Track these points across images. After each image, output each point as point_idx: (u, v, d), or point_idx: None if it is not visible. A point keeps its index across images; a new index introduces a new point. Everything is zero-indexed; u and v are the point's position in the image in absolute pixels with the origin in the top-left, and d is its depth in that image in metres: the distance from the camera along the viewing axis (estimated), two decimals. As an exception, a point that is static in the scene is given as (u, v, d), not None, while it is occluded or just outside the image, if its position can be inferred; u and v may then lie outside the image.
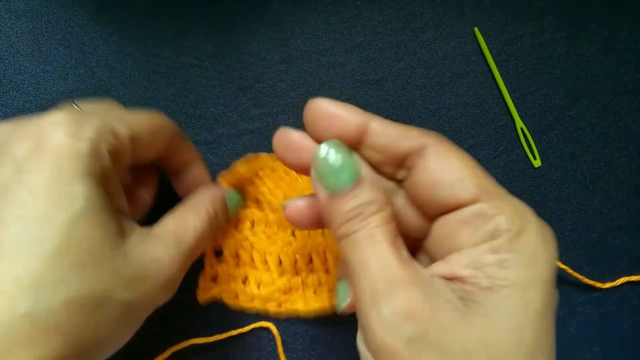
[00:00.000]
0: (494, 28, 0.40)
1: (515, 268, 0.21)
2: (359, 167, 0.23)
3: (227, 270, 0.35)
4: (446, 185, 0.22)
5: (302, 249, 0.35)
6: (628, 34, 0.40)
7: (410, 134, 0.24)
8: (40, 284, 0.21)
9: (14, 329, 0.20)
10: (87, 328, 0.22)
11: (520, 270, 0.21)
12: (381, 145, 0.24)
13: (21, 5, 0.39)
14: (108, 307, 0.23)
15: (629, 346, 0.37)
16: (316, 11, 0.40)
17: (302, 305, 0.35)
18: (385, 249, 0.21)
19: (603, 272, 0.38)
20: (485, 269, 0.21)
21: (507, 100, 0.38)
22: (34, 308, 0.21)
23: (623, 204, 0.39)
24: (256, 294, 0.35)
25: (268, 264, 0.36)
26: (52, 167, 0.22)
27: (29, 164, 0.22)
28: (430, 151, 0.23)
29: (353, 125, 0.23)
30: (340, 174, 0.23)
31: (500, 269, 0.21)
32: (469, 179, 0.22)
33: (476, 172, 0.23)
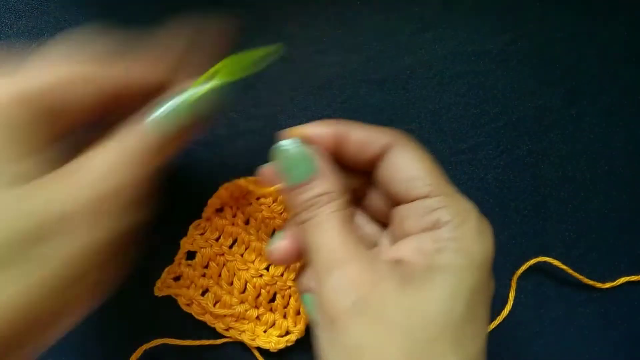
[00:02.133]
0: (494, 28, 0.40)
1: (451, 254, 0.24)
2: (315, 162, 0.26)
3: (192, 276, 0.36)
4: (402, 182, 0.26)
5: (270, 285, 0.36)
6: (628, 34, 0.40)
7: (376, 137, 0.27)
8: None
9: None
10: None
11: (456, 256, 0.24)
12: (352, 152, 0.28)
13: (21, 5, 0.39)
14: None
15: (629, 346, 0.37)
16: (316, 11, 0.40)
17: (247, 338, 0.35)
18: (334, 234, 0.25)
19: (603, 272, 0.38)
20: (425, 253, 0.24)
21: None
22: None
23: (623, 204, 0.39)
24: (210, 309, 0.35)
25: (232, 287, 0.36)
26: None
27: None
28: (392, 152, 0.27)
29: (328, 139, 0.27)
30: (297, 168, 0.26)
31: (438, 253, 0.24)
32: (422, 178, 0.26)
33: (430, 170, 0.26)
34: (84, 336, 0.36)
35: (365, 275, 0.23)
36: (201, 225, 0.36)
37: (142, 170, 0.26)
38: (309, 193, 0.26)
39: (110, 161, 0.25)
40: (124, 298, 0.36)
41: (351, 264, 0.24)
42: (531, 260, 0.37)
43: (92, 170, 0.24)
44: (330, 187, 0.26)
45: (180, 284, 0.36)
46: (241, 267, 0.36)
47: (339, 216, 0.25)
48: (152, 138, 0.26)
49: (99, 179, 0.24)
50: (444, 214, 0.25)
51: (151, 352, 0.35)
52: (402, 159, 0.27)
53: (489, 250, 0.25)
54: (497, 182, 0.39)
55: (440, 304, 0.23)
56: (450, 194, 0.26)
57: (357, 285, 0.23)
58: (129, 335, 0.35)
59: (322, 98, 0.39)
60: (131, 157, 0.26)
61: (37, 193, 0.23)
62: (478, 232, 0.25)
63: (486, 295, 0.25)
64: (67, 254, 0.23)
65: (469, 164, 0.39)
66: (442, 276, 0.23)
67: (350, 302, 0.23)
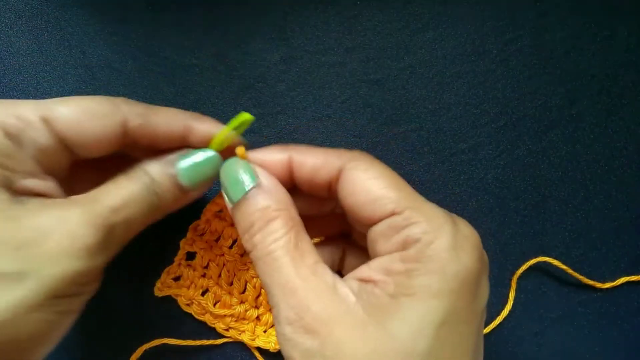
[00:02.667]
0: (494, 28, 0.40)
1: (420, 278, 0.21)
2: (250, 178, 0.25)
3: (192, 276, 0.36)
4: (364, 204, 0.24)
5: None
6: (628, 34, 0.40)
7: (328, 160, 0.26)
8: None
9: None
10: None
11: (425, 280, 0.21)
12: (304, 179, 0.26)
13: (21, 5, 0.39)
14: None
15: (629, 346, 0.37)
16: (316, 11, 0.40)
17: (248, 338, 0.35)
18: (285, 266, 0.23)
19: (603, 272, 0.38)
20: (395, 276, 0.22)
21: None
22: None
23: (623, 204, 0.39)
24: (210, 309, 0.35)
25: (233, 287, 0.36)
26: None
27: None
28: (346, 174, 0.25)
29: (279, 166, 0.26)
30: (237, 183, 0.25)
31: (408, 278, 0.22)
32: (383, 196, 0.24)
33: (391, 186, 0.24)
34: (84, 336, 0.36)
35: (323, 316, 0.21)
36: (200, 227, 0.36)
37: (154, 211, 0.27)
38: (248, 210, 0.25)
39: (124, 196, 0.26)
40: (124, 298, 0.36)
41: (310, 303, 0.22)
42: (531, 260, 0.37)
43: (110, 200, 0.25)
44: (270, 202, 0.24)
45: (180, 284, 0.36)
46: (241, 267, 0.36)
47: (286, 242, 0.23)
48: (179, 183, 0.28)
49: (112, 210, 0.25)
50: (412, 231, 0.23)
51: (151, 352, 0.35)
52: (358, 180, 0.24)
53: (469, 267, 0.22)
54: (497, 182, 0.39)
55: (403, 345, 0.21)
56: (418, 206, 0.23)
57: (311, 332, 0.21)
58: (129, 335, 0.35)
59: (322, 98, 0.39)
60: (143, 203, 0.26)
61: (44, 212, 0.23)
62: (453, 248, 0.22)
63: (467, 319, 0.22)
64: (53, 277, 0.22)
65: (469, 164, 0.39)
66: (407, 306, 0.21)
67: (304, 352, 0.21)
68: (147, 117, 0.27)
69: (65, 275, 0.22)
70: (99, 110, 0.26)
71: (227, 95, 0.39)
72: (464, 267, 0.22)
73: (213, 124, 0.29)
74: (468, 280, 0.22)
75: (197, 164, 0.28)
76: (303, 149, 0.27)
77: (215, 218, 0.36)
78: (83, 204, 0.24)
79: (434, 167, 0.39)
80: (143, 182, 0.27)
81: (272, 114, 0.38)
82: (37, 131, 0.25)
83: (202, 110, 0.38)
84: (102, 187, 0.26)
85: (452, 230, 0.23)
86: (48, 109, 0.25)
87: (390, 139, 0.39)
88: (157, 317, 0.36)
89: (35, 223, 0.22)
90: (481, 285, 0.23)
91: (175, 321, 0.36)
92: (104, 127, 0.26)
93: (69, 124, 0.25)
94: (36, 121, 0.25)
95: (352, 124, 0.39)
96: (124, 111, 0.26)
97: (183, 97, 0.38)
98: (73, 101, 0.26)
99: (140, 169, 0.27)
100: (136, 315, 0.36)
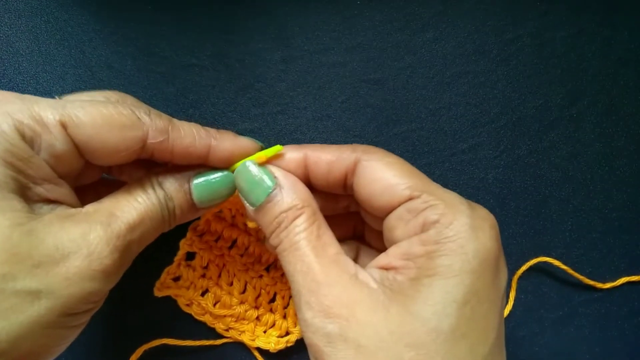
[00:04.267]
0: (494, 28, 0.40)
1: (441, 258, 0.22)
2: (272, 178, 0.25)
3: (192, 276, 0.36)
4: (380, 194, 0.25)
5: (270, 286, 0.36)
6: (628, 34, 0.40)
7: (342, 155, 0.26)
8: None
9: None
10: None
11: (446, 260, 0.22)
12: (320, 175, 0.27)
13: (21, 5, 0.39)
14: (3, 295, 0.20)
15: (629, 346, 0.37)
16: (316, 11, 0.40)
17: (247, 338, 0.35)
18: (307, 255, 0.23)
19: (603, 272, 0.38)
20: (415, 260, 0.22)
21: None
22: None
23: (623, 204, 0.39)
24: (210, 310, 0.35)
25: (232, 287, 0.36)
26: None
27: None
28: (361, 167, 0.25)
29: (295, 165, 0.27)
30: (256, 188, 0.26)
31: (429, 259, 0.22)
32: (398, 183, 0.24)
33: (405, 173, 0.25)
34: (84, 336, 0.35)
35: (343, 300, 0.22)
36: (200, 227, 0.36)
37: (165, 226, 0.27)
38: (273, 211, 0.25)
39: (141, 212, 0.25)
40: (124, 298, 0.36)
41: (330, 288, 0.22)
42: (531, 260, 0.37)
43: (127, 216, 0.25)
44: (294, 200, 0.25)
45: (180, 285, 0.36)
46: (241, 267, 0.36)
47: (310, 232, 0.24)
48: (192, 201, 0.28)
49: (130, 228, 0.25)
50: (430, 213, 0.23)
51: (151, 352, 0.35)
52: (374, 169, 0.25)
53: (489, 246, 0.22)
54: (497, 182, 0.39)
55: (426, 324, 0.21)
56: (434, 190, 0.24)
57: (332, 315, 0.22)
58: (129, 335, 0.35)
59: (322, 98, 0.39)
60: (156, 220, 0.26)
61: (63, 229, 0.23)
62: (471, 228, 0.22)
63: (490, 298, 0.22)
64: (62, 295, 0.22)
65: (469, 164, 0.39)
66: (429, 287, 0.21)
67: (326, 335, 0.21)
68: (168, 135, 0.26)
69: (81, 296, 0.23)
70: (121, 121, 0.25)
71: (227, 95, 0.39)
72: (483, 246, 0.22)
73: (233, 143, 0.28)
74: (488, 259, 0.22)
75: (213, 182, 0.28)
76: (317, 146, 0.27)
77: (215, 218, 0.36)
78: (101, 220, 0.24)
79: (434, 167, 0.39)
80: (158, 197, 0.26)
81: (272, 114, 0.38)
82: (54, 136, 0.24)
83: (202, 110, 0.38)
84: (118, 199, 0.26)
85: (469, 211, 0.23)
86: (68, 114, 0.24)
87: (390, 139, 0.39)
88: (157, 317, 0.36)
89: (54, 241, 0.22)
90: (500, 266, 0.23)
91: (175, 321, 0.36)
92: (123, 141, 0.25)
93: (88, 133, 0.24)
94: (54, 125, 0.24)
95: (352, 124, 0.39)
96: (146, 125, 0.26)
97: (183, 97, 0.38)
98: (94, 108, 0.25)
99: (156, 181, 0.27)
100: (136, 315, 0.36)
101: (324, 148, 0.27)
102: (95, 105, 0.25)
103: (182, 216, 0.28)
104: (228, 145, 0.28)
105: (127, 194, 0.26)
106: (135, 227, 0.25)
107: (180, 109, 0.38)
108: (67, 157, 0.25)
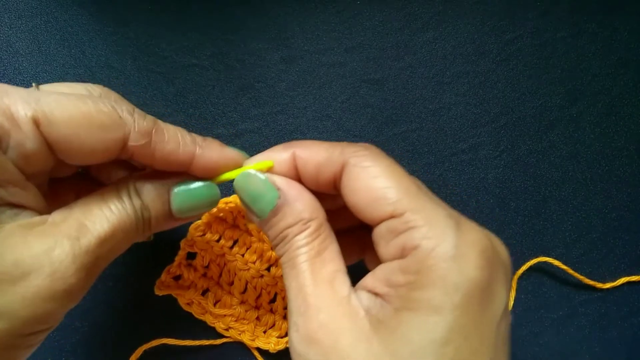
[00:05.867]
0: (494, 28, 0.40)
1: (421, 291, 0.20)
2: (276, 191, 0.24)
3: (192, 276, 0.36)
4: (365, 205, 0.23)
5: (271, 286, 0.36)
6: (628, 34, 0.40)
7: (331, 157, 0.24)
8: None
9: None
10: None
11: (425, 294, 0.20)
12: (309, 177, 0.25)
13: (21, 5, 0.39)
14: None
15: (629, 346, 0.37)
16: (316, 11, 0.40)
17: (247, 338, 0.35)
18: (302, 272, 0.23)
19: (603, 272, 0.38)
20: (397, 289, 0.21)
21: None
22: None
23: (623, 204, 0.39)
24: (210, 309, 0.35)
25: (233, 287, 0.36)
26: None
27: None
28: (346, 175, 0.23)
29: (285, 166, 0.25)
30: (260, 201, 0.24)
31: (409, 290, 0.20)
32: (380, 198, 0.22)
33: (392, 184, 0.22)
34: (84, 336, 0.35)
35: (329, 327, 0.21)
36: (201, 227, 0.36)
37: (137, 237, 0.25)
38: (279, 227, 0.24)
39: (114, 223, 0.23)
40: (124, 298, 0.36)
41: (318, 313, 0.22)
42: (531, 261, 0.37)
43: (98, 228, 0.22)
44: (301, 214, 0.24)
45: (180, 284, 0.36)
46: (242, 267, 0.36)
47: (309, 249, 0.23)
48: (170, 212, 0.25)
49: (100, 243, 0.22)
50: (410, 237, 0.21)
51: (151, 352, 0.35)
52: (357, 178, 0.23)
53: (474, 277, 0.20)
54: (497, 182, 0.39)
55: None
56: (420, 208, 0.21)
57: (316, 343, 0.21)
58: (129, 335, 0.35)
59: (322, 98, 0.39)
60: (129, 233, 0.24)
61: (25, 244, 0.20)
62: (454, 257, 0.20)
63: (480, 333, 0.20)
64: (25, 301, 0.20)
65: (469, 164, 0.39)
66: (408, 323, 0.20)
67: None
68: (150, 138, 0.24)
69: (40, 317, 0.20)
70: (100, 120, 0.22)
71: (227, 95, 0.39)
72: (466, 279, 0.20)
73: (219, 153, 0.26)
74: (473, 292, 0.20)
75: (194, 193, 0.26)
76: (306, 144, 0.25)
77: (216, 219, 0.36)
78: (69, 233, 0.21)
79: (434, 167, 0.39)
80: (133, 206, 0.24)
81: (272, 114, 0.38)
82: (24, 134, 0.21)
83: (202, 110, 0.38)
84: (90, 206, 0.23)
85: (455, 236, 0.20)
86: (41, 110, 0.21)
87: (390, 139, 0.39)
88: (157, 317, 0.36)
89: (13, 256, 0.20)
90: (493, 293, 0.21)
91: (175, 321, 0.36)
92: (102, 142, 0.23)
93: (63, 132, 0.22)
94: (26, 122, 0.21)
95: (352, 124, 0.39)
96: (128, 126, 0.23)
97: (183, 97, 0.38)
98: (72, 104, 0.22)
99: (133, 187, 0.25)
100: (136, 315, 0.36)
101: (313, 146, 0.25)
102: (73, 101, 0.22)
103: (157, 227, 0.26)
104: (213, 155, 0.26)
105: (100, 200, 0.23)
106: (105, 241, 0.22)
107: (180, 109, 0.38)
108: (38, 156, 0.22)
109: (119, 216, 0.23)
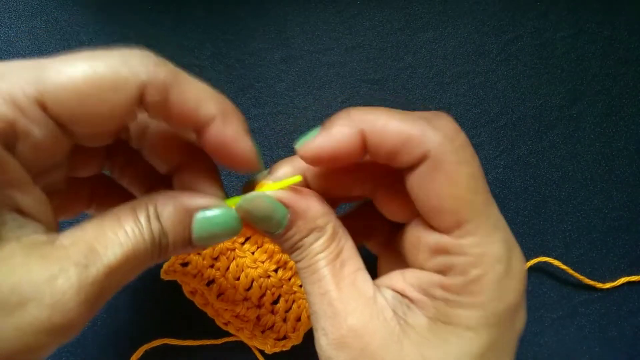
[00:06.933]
0: (494, 28, 0.40)
1: (460, 310, 0.21)
2: (282, 212, 0.23)
3: (200, 265, 0.36)
4: (427, 208, 0.21)
5: (276, 287, 0.36)
6: (628, 34, 0.40)
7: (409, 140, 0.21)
8: None
9: None
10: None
11: (465, 313, 0.21)
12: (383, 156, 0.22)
13: (21, 5, 0.39)
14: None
15: (629, 346, 0.37)
16: (316, 11, 0.40)
17: (245, 336, 0.35)
18: (324, 277, 0.22)
19: (603, 272, 0.38)
20: (433, 300, 0.21)
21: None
22: None
23: (623, 204, 0.39)
24: (212, 301, 0.35)
25: (239, 283, 0.36)
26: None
27: None
28: (425, 167, 0.21)
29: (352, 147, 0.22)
30: (270, 220, 0.23)
31: (447, 306, 0.21)
32: (446, 210, 0.21)
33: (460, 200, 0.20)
34: (84, 336, 0.35)
35: (358, 330, 0.21)
36: None
37: (150, 263, 0.22)
38: (294, 239, 0.23)
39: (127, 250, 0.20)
40: (124, 298, 0.36)
41: (346, 317, 0.21)
42: (531, 261, 0.37)
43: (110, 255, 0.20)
44: (314, 223, 0.23)
45: (187, 271, 0.36)
46: (251, 264, 0.36)
47: (328, 254, 0.23)
48: (190, 238, 0.23)
49: (109, 272, 0.19)
50: (460, 261, 0.21)
51: (151, 352, 0.35)
52: (432, 180, 0.21)
53: (511, 302, 0.21)
54: (497, 182, 0.39)
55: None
56: (481, 233, 0.21)
57: (346, 346, 0.21)
58: (129, 335, 0.35)
59: (322, 98, 0.39)
60: (144, 259, 0.21)
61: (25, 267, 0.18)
62: (499, 287, 0.21)
63: (506, 347, 0.22)
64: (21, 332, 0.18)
65: (469, 164, 0.39)
66: (444, 336, 0.21)
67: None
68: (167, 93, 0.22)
69: (32, 350, 0.18)
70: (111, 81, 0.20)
71: (227, 95, 0.38)
72: (506, 306, 0.21)
73: (232, 139, 0.23)
74: (508, 315, 0.21)
75: (218, 222, 0.23)
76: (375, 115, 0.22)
77: None
78: (77, 260, 0.19)
79: (434, 167, 0.39)
80: (151, 231, 0.21)
81: (272, 114, 0.38)
82: (30, 121, 0.19)
83: (202, 110, 0.38)
84: (103, 228, 0.20)
85: (503, 270, 0.21)
86: (45, 89, 0.19)
87: (391, 139, 0.39)
88: (158, 317, 0.36)
89: (11, 282, 0.18)
90: (519, 311, 0.22)
91: (175, 321, 0.36)
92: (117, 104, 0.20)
93: (75, 107, 0.19)
94: (30, 106, 0.19)
95: (352, 124, 0.39)
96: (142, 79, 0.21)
97: (183, 97, 0.38)
98: (77, 68, 0.20)
99: (152, 209, 0.22)
100: (137, 315, 0.36)
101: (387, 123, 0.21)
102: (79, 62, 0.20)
103: (172, 254, 0.23)
104: (230, 133, 0.23)
105: (115, 221, 0.21)
106: (115, 270, 0.20)
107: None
108: (49, 144, 0.20)
109: (134, 242, 0.20)
